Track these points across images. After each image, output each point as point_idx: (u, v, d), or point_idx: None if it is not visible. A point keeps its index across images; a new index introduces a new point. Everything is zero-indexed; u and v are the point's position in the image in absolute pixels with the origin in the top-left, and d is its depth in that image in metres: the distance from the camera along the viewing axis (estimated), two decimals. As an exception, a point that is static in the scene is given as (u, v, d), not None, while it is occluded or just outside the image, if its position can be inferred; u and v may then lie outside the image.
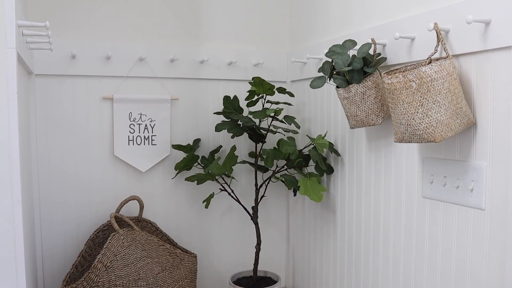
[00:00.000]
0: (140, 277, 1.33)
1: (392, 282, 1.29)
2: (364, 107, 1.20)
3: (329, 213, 1.58)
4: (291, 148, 1.44)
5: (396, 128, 1.02)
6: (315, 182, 1.44)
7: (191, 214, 1.68)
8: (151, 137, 1.57)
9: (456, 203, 1.07)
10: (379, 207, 1.33)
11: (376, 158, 1.34)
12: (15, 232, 0.92)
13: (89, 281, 1.27)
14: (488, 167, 0.99)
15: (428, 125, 0.95)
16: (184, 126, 1.65)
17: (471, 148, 1.03)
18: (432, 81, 0.93)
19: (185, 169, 1.57)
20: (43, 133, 1.45)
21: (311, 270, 1.72)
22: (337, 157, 1.52)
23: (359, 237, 1.43)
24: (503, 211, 0.96)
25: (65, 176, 1.48)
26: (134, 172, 1.58)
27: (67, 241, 1.50)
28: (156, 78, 1.58)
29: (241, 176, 1.75)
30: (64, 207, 1.49)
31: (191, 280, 1.48)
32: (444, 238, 1.11)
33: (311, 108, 1.67)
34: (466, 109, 0.98)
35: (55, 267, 1.49)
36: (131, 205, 1.59)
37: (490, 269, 1.00)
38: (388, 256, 1.30)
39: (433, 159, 1.12)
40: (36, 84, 1.43)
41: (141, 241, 1.36)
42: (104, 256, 1.29)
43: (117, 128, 1.52)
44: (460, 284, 1.07)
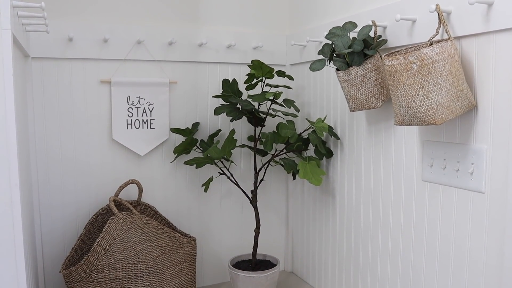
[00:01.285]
0: (139, 260, 1.34)
1: (391, 265, 1.30)
2: (364, 89, 1.19)
3: (328, 197, 1.58)
4: (291, 131, 1.43)
5: (397, 111, 1.01)
6: (314, 165, 1.44)
7: (190, 198, 1.68)
8: (149, 121, 1.57)
9: (456, 186, 1.07)
10: (379, 191, 1.33)
11: (376, 142, 1.33)
12: (13, 215, 0.92)
13: (89, 264, 1.27)
14: (489, 150, 0.99)
15: (429, 107, 0.94)
16: (182, 109, 1.63)
17: (471, 131, 1.02)
18: (433, 63, 0.92)
19: (184, 153, 1.56)
20: (40, 117, 1.44)
21: (310, 254, 1.72)
22: (336, 141, 1.52)
23: (358, 221, 1.43)
24: (503, 194, 0.96)
25: (64, 160, 1.48)
26: (132, 156, 1.57)
27: (66, 225, 1.50)
28: (154, 61, 1.57)
29: (240, 160, 1.75)
30: (63, 191, 1.49)
31: (190, 263, 1.48)
32: (444, 222, 1.11)
33: (310, 91, 1.66)
34: (467, 92, 0.98)
35: (55, 250, 1.50)
36: (130, 189, 1.58)
37: (488, 252, 1.00)
38: (387, 240, 1.31)
39: (433, 142, 1.12)
40: (33, 67, 1.42)
41: (140, 225, 1.36)
42: (103, 240, 1.29)
43: (115, 112, 1.51)
44: (459, 267, 1.07)
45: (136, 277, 1.33)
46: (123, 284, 1.31)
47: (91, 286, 1.28)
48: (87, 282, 1.28)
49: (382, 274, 1.33)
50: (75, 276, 1.27)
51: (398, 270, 1.27)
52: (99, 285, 1.28)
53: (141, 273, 1.34)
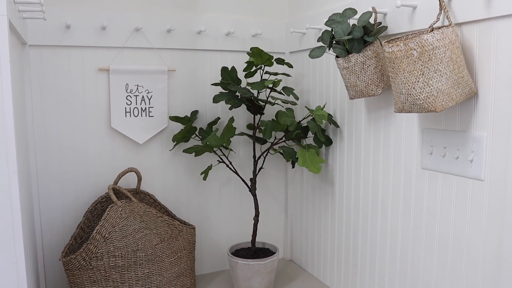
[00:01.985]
0: (138, 248, 1.34)
1: (390, 253, 1.30)
2: (364, 77, 1.19)
3: (327, 185, 1.58)
4: (290, 119, 1.43)
5: (396, 98, 1.00)
6: (313, 153, 1.44)
7: (189, 186, 1.68)
8: (148, 109, 1.56)
9: (455, 174, 1.06)
10: (378, 179, 1.33)
11: (375, 129, 1.33)
12: (12, 203, 0.91)
13: (88, 252, 1.27)
14: (489, 138, 0.98)
15: (429, 94, 0.93)
16: (181, 97, 1.63)
17: (471, 119, 1.02)
18: (433, 50, 0.91)
19: (183, 141, 1.56)
20: (38, 105, 1.43)
21: (309, 242, 1.73)
22: (336, 129, 1.51)
23: (357, 209, 1.43)
24: (502, 181, 0.96)
25: (62, 148, 1.47)
26: (131, 144, 1.57)
27: (65, 213, 1.50)
28: (152, 49, 1.56)
29: (239, 148, 1.74)
30: (62, 180, 1.48)
31: (189, 251, 1.49)
32: (443, 209, 1.11)
33: (310, 79, 1.65)
34: (468, 79, 0.97)
35: (54, 239, 1.50)
36: (129, 177, 1.58)
37: (487, 239, 1.00)
38: (386, 228, 1.31)
39: (433, 129, 1.11)
40: (30, 54, 1.41)
41: (140, 213, 1.36)
42: (102, 228, 1.29)
43: (113, 100, 1.51)
44: (458, 254, 1.08)
45: (135, 265, 1.33)
46: (122, 271, 1.31)
47: (91, 273, 1.28)
48: (86, 269, 1.28)
49: (381, 261, 1.34)
50: (74, 263, 1.27)
51: (397, 257, 1.27)
52: (99, 273, 1.29)
53: (140, 261, 1.34)
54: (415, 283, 1.21)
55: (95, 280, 1.29)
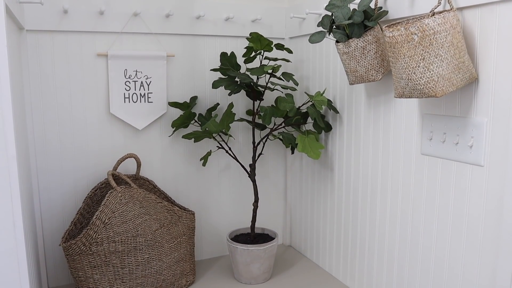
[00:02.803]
0: (138, 233, 1.34)
1: (389, 239, 1.30)
2: (364, 62, 1.18)
3: (327, 171, 1.58)
4: (289, 105, 1.42)
5: (397, 83, 1.00)
6: (313, 139, 1.43)
7: (188, 172, 1.68)
8: (147, 95, 1.55)
9: (455, 159, 1.06)
10: (377, 165, 1.33)
11: (375, 115, 1.32)
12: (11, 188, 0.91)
13: (88, 237, 1.27)
14: (489, 123, 0.98)
15: (429, 79, 0.93)
16: (180, 83, 1.62)
17: (471, 104, 1.02)
18: (434, 34, 0.91)
19: (182, 127, 1.55)
20: (37, 90, 1.42)
21: (308, 228, 1.73)
22: (335, 115, 1.51)
23: (356, 195, 1.43)
24: (502, 167, 0.96)
25: (61, 135, 1.47)
26: (130, 130, 1.56)
27: (65, 199, 1.50)
28: (151, 34, 1.55)
29: (239, 134, 1.74)
30: (61, 166, 1.48)
31: (189, 236, 1.49)
32: (442, 195, 1.11)
33: (309, 65, 1.64)
34: (469, 64, 0.96)
35: (54, 224, 1.50)
36: (128, 163, 1.58)
37: (486, 225, 1.00)
38: (385, 213, 1.31)
39: (433, 115, 1.11)
40: (27, 40, 1.39)
41: (139, 199, 1.37)
42: (102, 213, 1.29)
43: (112, 86, 1.50)
44: (456, 240, 1.08)
45: (135, 250, 1.34)
46: (122, 256, 1.32)
47: (91, 258, 1.29)
48: (86, 255, 1.28)
49: (380, 247, 1.34)
50: (74, 249, 1.28)
51: (396, 244, 1.28)
52: (99, 258, 1.29)
53: (140, 246, 1.35)
54: (413, 268, 1.22)
55: (95, 265, 1.30)
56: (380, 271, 1.35)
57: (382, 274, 1.34)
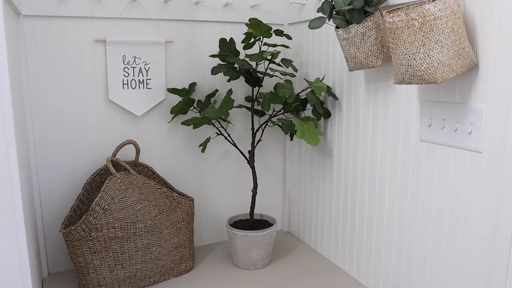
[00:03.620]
0: (138, 219, 1.35)
1: (387, 225, 1.31)
2: (364, 48, 1.17)
3: (325, 157, 1.58)
4: (288, 91, 1.42)
5: (396, 69, 1.00)
6: (312, 126, 1.43)
7: (187, 158, 1.68)
8: (145, 81, 1.55)
9: (453, 146, 1.07)
10: (376, 151, 1.33)
11: (374, 102, 1.32)
12: (10, 174, 0.91)
13: (88, 223, 1.28)
14: (488, 110, 0.98)
15: (429, 65, 0.92)
16: (179, 69, 1.61)
17: (471, 91, 1.02)
18: (435, 20, 0.90)
19: (181, 113, 1.55)
20: (35, 77, 1.42)
21: (307, 214, 1.74)
22: (334, 101, 1.50)
23: (355, 181, 1.44)
24: (500, 153, 0.96)
25: (60, 121, 1.47)
26: (129, 116, 1.56)
27: (64, 185, 1.51)
28: (149, 19, 1.53)
29: (238, 121, 1.74)
30: (60, 152, 1.48)
31: (188, 222, 1.50)
32: (440, 181, 1.12)
33: (309, 51, 1.63)
34: (469, 50, 0.96)
35: (54, 210, 1.51)
36: (127, 150, 1.58)
37: (484, 211, 1.01)
38: (384, 199, 1.32)
39: (433, 102, 1.11)
40: (25, 25, 1.38)
41: (138, 185, 1.37)
42: (101, 199, 1.29)
43: (110, 72, 1.49)
44: (454, 227, 1.09)
45: (135, 236, 1.34)
46: (122, 242, 1.33)
47: (91, 244, 1.30)
48: (86, 240, 1.29)
49: (378, 233, 1.35)
50: (74, 235, 1.28)
51: (394, 229, 1.28)
52: (99, 244, 1.30)
53: (139, 232, 1.35)
54: (411, 253, 1.23)
55: (95, 250, 1.30)
56: (378, 257, 1.36)
57: (380, 259, 1.35)
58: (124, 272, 1.35)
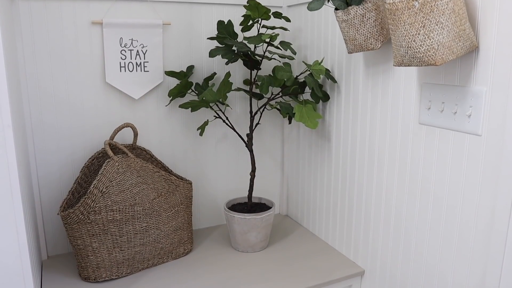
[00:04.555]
0: (136, 202, 1.35)
1: (385, 208, 1.31)
2: (363, 30, 1.16)
3: (324, 141, 1.58)
4: (287, 74, 1.41)
5: (396, 51, 0.99)
6: (310, 109, 1.43)
7: (185, 142, 1.67)
8: (143, 64, 1.53)
9: (452, 129, 1.06)
10: (375, 134, 1.33)
11: (373, 84, 1.31)
12: (7, 156, 0.91)
13: (86, 206, 1.28)
14: (488, 93, 0.98)
15: (429, 47, 0.92)
16: (177, 52, 1.60)
17: (471, 73, 1.01)
18: (436, 1, 0.89)
19: (179, 96, 1.54)
20: (31, 60, 1.40)
21: (305, 197, 1.75)
22: (333, 84, 1.50)
23: (353, 164, 1.44)
24: (499, 136, 0.96)
25: (57, 104, 1.46)
26: (127, 99, 1.55)
27: (62, 169, 1.50)
28: (146, 1, 1.52)
29: (236, 104, 1.73)
30: (58, 135, 1.48)
31: (186, 205, 1.50)
32: (439, 164, 1.11)
33: (307, 34, 1.62)
34: (470, 32, 0.95)
35: (52, 194, 1.50)
36: (125, 133, 1.57)
37: (482, 194, 1.01)
38: (382, 183, 1.32)
39: (432, 84, 1.10)
40: (20, 8, 1.36)
41: (136, 168, 1.37)
42: (99, 182, 1.29)
43: (107, 54, 1.48)
44: (452, 210, 1.09)
45: (133, 219, 1.35)
46: (120, 225, 1.33)
47: (89, 227, 1.30)
48: (85, 223, 1.29)
49: (376, 216, 1.35)
50: (73, 218, 1.29)
51: (392, 213, 1.29)
52: (97, 226, 1.30)
53: (138, 215, 1.35)
54: (408, 237, 1.23)
55: (93, 233, 1.31)
56: (376, 240, 1.37)
57: (377, 243, 1.36)
58: (122, 255, 1.36)
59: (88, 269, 1.34)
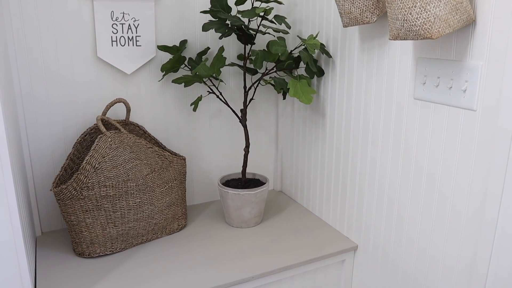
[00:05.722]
0: (129, 178, 1.34)
1: (378, 184, 1.32)
2: (359, 3, 1.14)
3: (318, 116, 1.57)
4: (281, 48, 1.39)
5: (392, 25, 0.97)
6: (305, 84, 1.41)
7: (179, 117, 1.66)
8: (135, 38, 1.51)
9: (447, 104, 1.06)
10: (369, 109, 1.32)
11: (368, 59, 1.30)
12: (-3, 131, 0.89)
13: (79, 182, 1.27)
14: (484, 67, 0.97)
15: (426, 20, 0.90)
16: (169, 26, 1.57)
17: (467, 47, 1.00)
18: (433, -28, 0.87)
19: (172, 71, 1.52)
20: (20, 33, 1.37)
21: (299, 173, 1.74)
22: (328, 59, 1.48)
23: (347, 140, 1.43)
24: (494, 111, 0.95)
25: (48, 79, 1.43)
26: (119, 74, 1.53)
27: (54, 145, 1.49)
28: (138, -27, 1.48)
29: (230, 79, 1.71)
30: (49, 111, 1.46)
31: (180, 181, 1.50)
32: (433, 140, 1.11)
33: (302, 8, 1.59)
34: (467, 5, 0.93)
35: (45, 170, 1.49)
36: (117, 108, 1.56)
37: (476, 170, 1.01)
38: (376, 159, 1.31)
39: (428, 59, 1.09)
40: (8, -22, 1.33)
41: (129, 144, 1.35)
42: (92, 158, 1.28)
43: (99, 28, 1.45)
44: (446, 185, 1.09)
45: (126, 195, 1.34)
46: (114, 201, 1.32)
47: (82, 203, 1.29)
48: (78, 199, 1.29)
49: (369, 192, 1.36)
50: (65, 193, 1.28)
51: (385, 189, 1.29)
52: (90, 202, 1.30)
53: (131, 191, 1.35)
54: (401, 213, 1.24)
55: (87, 209, 1.30)
56: (369, 215, 1.37)
57: (371, 217, 1.37)
58: (116, 230, 1.36)
59: (82, 245, 1.34)
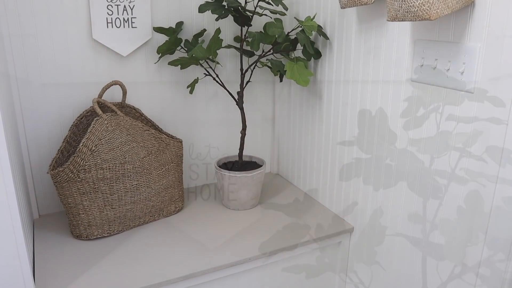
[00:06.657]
0: (126, 160, 1.34)
1: (375, 167, 1.32)
2: (357, -16, 1.13)
3: (315, 99, 1.57)
4: (278, 30, 1.38)
5: (390, 6, 0.96)
6: (302, 66, 1.41)
7: (175, 100, 1.65)
8: (131, 19, 1.49)
9: (445, 86, 1.05)
10: (366, 92, 1.32)
11: (366, 41, 1.29)
12: (-8, 114, 0.89)
13: (75, 164, 1.27)
14: (482, 49, 0.96)
15: (424, 1, 0.89)
16: (165, 7, 1.55)
17: (466, 29, 0.99)
18: (432, -48, 0.86)
19: (168, 53, 1.51)
20: (14, 16, 1.35)
21: (296, 155, 1.75)
22: (325, 41, 1.47)
23: (344, 123, 1.43)
24: (491, 94, 0.95)
25: (43, 61, 1.42)
26: (115, 56, 1.51)
27: (50, 128, 1.48)
28: (132, -47, 1.46)
29: (226, 62, 1.70)
30: (44, 94, 1.45)
31: (177, 164, 1.50)
32: (429, 122, 1.11)
33: (299, -12, 1.57)
34: (465, -15, 0.93)
35: (41, 152, 1.49)
36: (113, 91, 1.55)
37: (473, 151, 1.01)
38: (373, 141, 1.32)
39: (426, 41, 1.09)
40: (0, -42, 1.31)
41: (126, 126, 1.35)
42: (88, 140, 1.28)
43: (94, 9, 1.43)
44: (443, 165, 1.09)
45: (123, 177, 1.34)
46: (111, 183, 1.32)
47: (79, 185, 1.29)
48: (75, 182, 1.29)
49: (365, 175, 1.36)
50: (62, 176, 1.28)
51: (382, 171, 1.29)
52: (87, 185, 1.30)
53: (128, 173, 1.35)
54: (398, 195, 1.25)
55: (84, 192, 1.30)
56: (365, 197, 1.38)
57: (367, 200, 1.37)
58: (114, 213, 1.36)
59: (80, 227, 1.35)
